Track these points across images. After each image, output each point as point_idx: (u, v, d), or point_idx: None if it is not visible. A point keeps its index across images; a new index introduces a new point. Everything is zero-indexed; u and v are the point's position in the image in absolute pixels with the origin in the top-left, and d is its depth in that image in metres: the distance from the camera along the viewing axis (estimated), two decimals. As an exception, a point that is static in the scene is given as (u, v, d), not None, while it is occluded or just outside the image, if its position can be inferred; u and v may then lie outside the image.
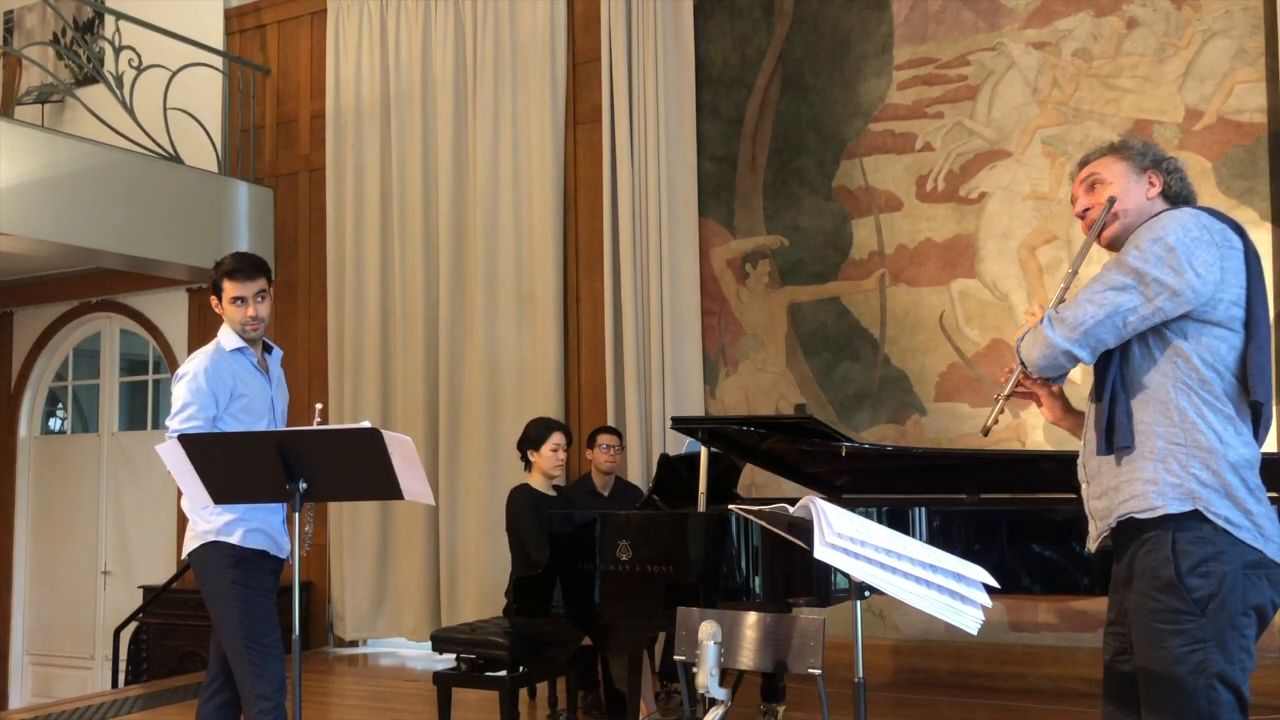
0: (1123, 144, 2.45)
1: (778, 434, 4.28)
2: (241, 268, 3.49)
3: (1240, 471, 2.17)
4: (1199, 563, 2.14)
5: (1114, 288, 2.21)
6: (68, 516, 8.42)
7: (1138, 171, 2.38)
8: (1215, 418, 2.18)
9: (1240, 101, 5.23)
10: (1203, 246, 2.19)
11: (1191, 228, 2.21)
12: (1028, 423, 5.53)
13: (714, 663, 2.51)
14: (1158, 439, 2.20)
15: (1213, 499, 2.15)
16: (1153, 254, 2.19)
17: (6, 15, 8.98)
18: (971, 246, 5.72)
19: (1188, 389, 2.19)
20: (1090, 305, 2.23)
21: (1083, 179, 2.45)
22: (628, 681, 4.13)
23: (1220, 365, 2.20)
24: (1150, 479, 2.19)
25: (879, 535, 2.29)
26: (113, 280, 8.05)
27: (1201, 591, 2.13)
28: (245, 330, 3.50)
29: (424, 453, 6.67)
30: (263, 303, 3.51)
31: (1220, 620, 2.12)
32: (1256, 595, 2.15)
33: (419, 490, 2.96)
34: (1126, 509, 2.23)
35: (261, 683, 3.32)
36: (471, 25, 6.95)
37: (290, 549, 3.55)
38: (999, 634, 5.47)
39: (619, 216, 6.40)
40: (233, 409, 3.45)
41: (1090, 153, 2.49)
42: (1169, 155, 2.43)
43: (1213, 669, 2.12)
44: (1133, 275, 2.19)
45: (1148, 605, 2.19)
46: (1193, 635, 2.13)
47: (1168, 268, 2.17)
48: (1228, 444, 2.17)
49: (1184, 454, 2.17)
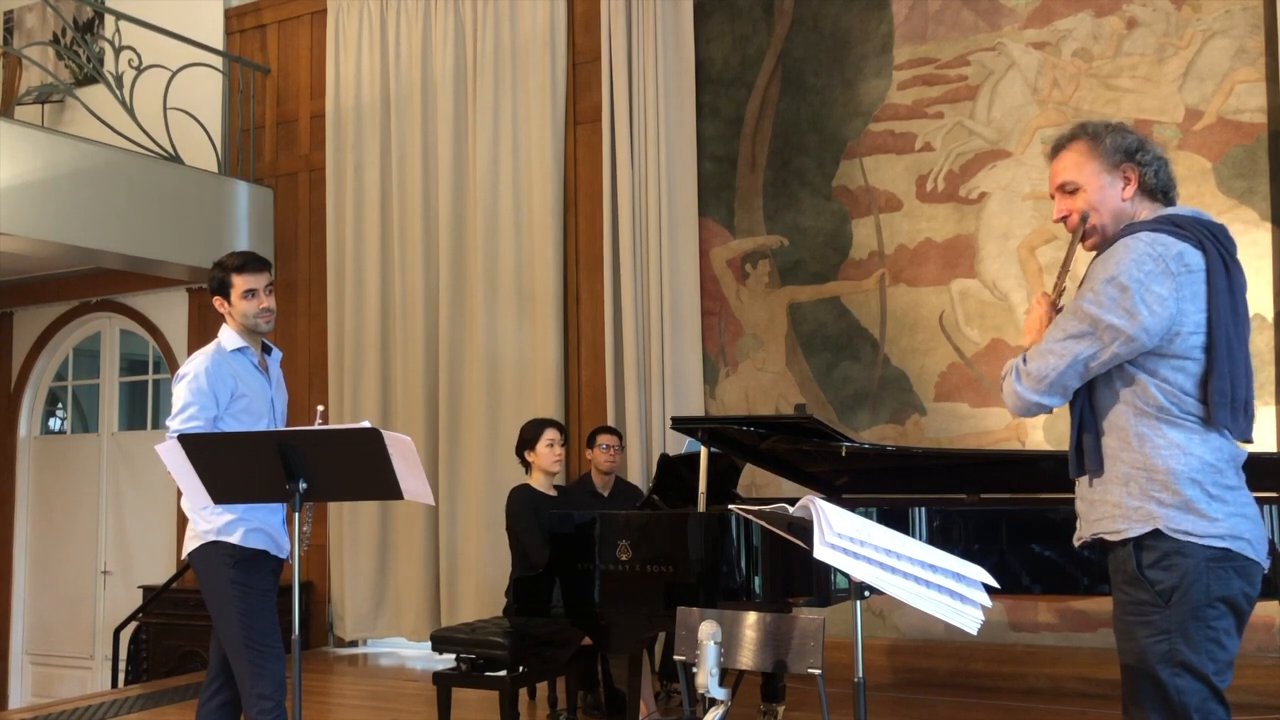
0: (1094, 134, 2.39)
1: (778, 434, 4.28)
2: (250, 260, 3.54)
3: (1201, 482, 2.21)
4: (1161, 556, 2.21)
5: (1072, 336, 2.27)
6: (67, 516, 8.42)
7: (1110, 170, 2.36)
8: (1176, 434, 2.24)
9: (1240, 101, 5.23)
10: (1156, 280, 2.20)
11: (1145, 260, 2.21)
12: (1028, 423, 5.52)
13: (714, 663, 2.51)
14: (1122, 464, 2.28)
15: (1172, 516, 2.21)
16: (1106, 297, 2.22)
17: (6, 15, 8.98)
18: (971, 246, 5.72)
19: (1145, 416, 2.26)
20: (1051, 356, 2.30)
21: (1057, 183, 2.43)
22: (628, 681, 4.14)
23: (1179, 392, 2.24)
24: (1116, 503, 2.28)
25: (879, 535, 2.29)
26: (113, 280, 8.05)
27: (1164, 584, 2.20)
28: (258, 323, 3.52)
29: (424, 453, 6.66)
30: (271, 296, 3.54)
31: (1183, 611, 2.18)
32: (1222, 587, 2.20)
33: (419, 490, 2.96)
34: (1097, 529, 2.32)
35: (261, 683, 3.32)
36: (471, 25, 6.95)
37: (290, 549, 3.56)
38: (999, 634, 5.47)
39: (619, 216, 6.40)
40: (233, 409, 3.45)
41: (1061, 137, 2.45)
42: (1143, 144, 2.38)
43: (1179, 658, 2.18)
44: (1089, 323, 2.24)
45: (1119, 599, 2.29)
46: (1158, 626, 2.20)
47: (1121, 310, 2.20)
48: (1189, 454, 2.22)
49: (1144, 478, 2.24)
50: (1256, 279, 4.94)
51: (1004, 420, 5.59)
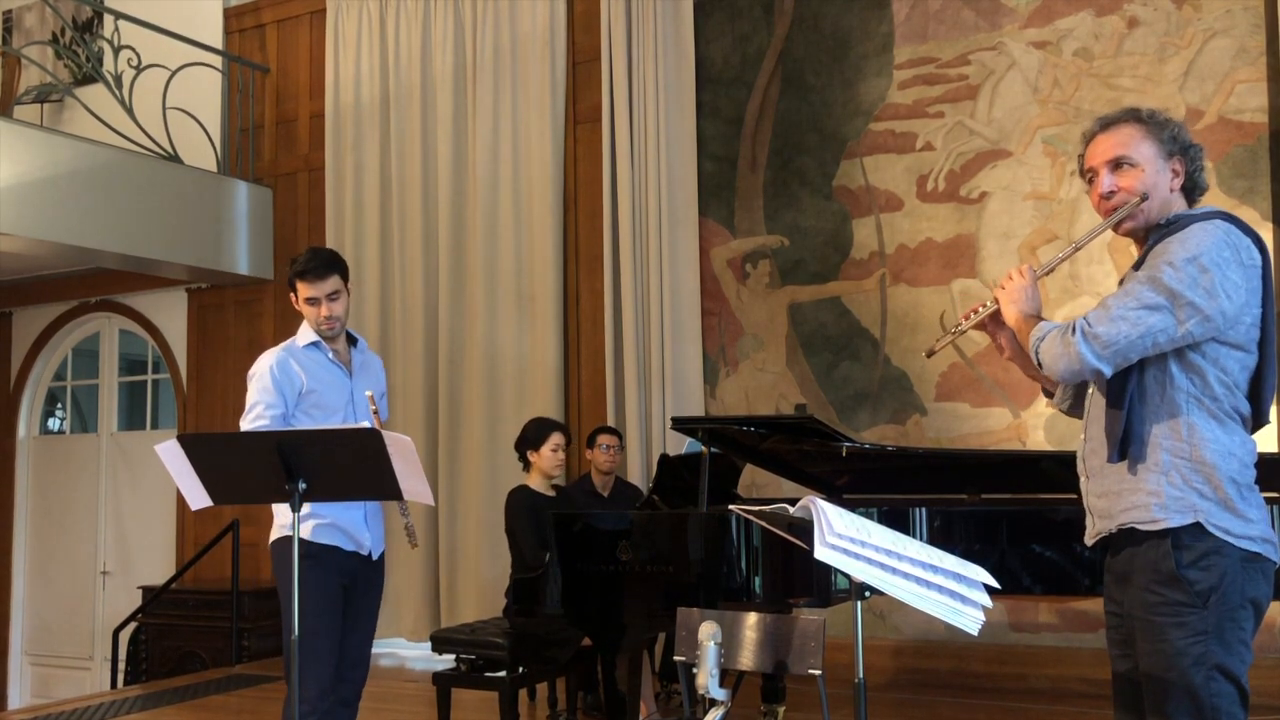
0: (1150, 117, 2.30)
1: (778, 434, 4.28)
2: (311, 268, 3.44)
3: (1239, 482, 2.19)
4: (1200, 556, 2.14)
5: (1148, 306, 2.15)
6: (67, 516, 8.42)
7: (1165, 157, 2.28)
8: (1220, 431, 2.19)
9: (1241, 101, 5.23)
10: (1232, 268, 2.15)
11: (1224, 246, 2.15)
12: (1028, 423, 5.52)
13: (714, 663, 2.51)
14: (1164, 452, 2.20)
15: (1213, 511, 2.16)
16: (1188, 274, 2.13)
17: (6, 15, 8.97)
18: (972, 246, 5.72)
19: (1200, 406, 2.19)
20: (1124, 323, 2.16)
21: (1109, 157, 2.30)
22: (628, 681, 4.13)
23: (1233, 384, 2.20)
24: (1154, 491, 2.19)
25: (879, 535, 2.28)
26: (112, 280, 8.04)
27: (1203, 584, 2.13)
28: (321, 330, 3.48)
29: (424, 453, 6.66)
30: (336, 301, 3.45)
31: (1220, 612, 2.13)
32: (1253, 589, 2.17)
33: (419, 490, 2.95)
34: (1129, 518, 2.23)
35: (304, 686, 3.26)
36: (471, 25, 6.94)
37: (368, 545, 3.52)
38: (999, 634, 5.46)
39: (619, 216, 6.39)
40: (303, 405, 3.42)
41: (1111, 116, 2.34)
42: (1193, 141, 2.32)
43: (1214, 660, 2.13)
44: (1167, 295, 2.14)
45: (1148, 599, 2.19)
46: (1194, 628, 2.13)
47: (1202, 290, 2.12)
48: (1230, 455, 2.18)
49: (1188, 468, 2.17)
50: (1257, 279, 4.93)
51: (1005, 420, 5.58)
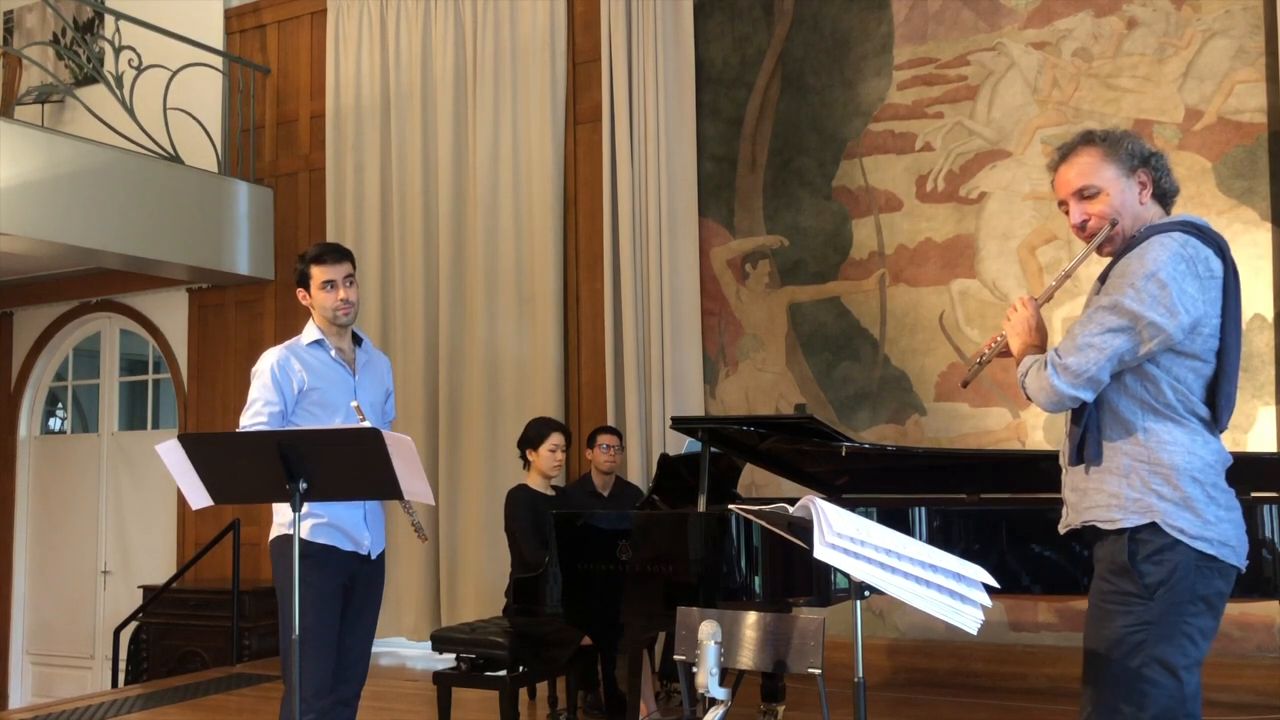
0: (1105, 138, 2.38)
1: (778, 434, 4.28)
2: (329, 250, 3.47)
3: (1202, 482, 2.25)
4: (1155, 551, 2.23)
5: (1111, 330, 2.24)
6: (68, 516, 8.42)
7: (1128, 174, 2.36)
8: (1181, 432, 2.26)
9: (1240, 101, 5.23)
10: (1188, 281, 2.22)
11: (1179, 260, 2.22)
12: (1028, 423, 5.53)
13: (714, 663, 2.51)
14: (1123, 456, 2.29)
15: (1170, 511, 2.23)
16: (1148, 293, 2.21)
17: (6, 15, 8.98)
18: (971, 246, 5.72)
19: (1154, 412, 2.27)
20: (1091, 350, 2.25)
21: (1074, 189, 2.38)
22: (628, 681, 4.13)
23: (1187, 391, 2.27)
24: (1114, 493, 2.28)
25: (879, 535, 2.29)
26: (113, 280, 8.05)
27: (1152, 578, 2.22)
28: (337, 316, 3.45)
29: (424, 453, 6.66)
30: (351, 287, 3.47)
31: (1167, 605, 2.21)
32: (1205, 586, 2.23)
33: (419, 490, 2.96)
34: (1091, 516, 2.33)
35: (302, 686, 3.26)
36: (471, 25, 6.95)
37: (368, 545, 3.50)
38: (999, 634, 5.47)
39: (619, 216, 6.40)
40: (304, 403, 3.41)
41: (1068, 144, 2.41)
42: (1152, 149, 2.39)
43: (1151, 651, 2.21)
44: (1129, 318, 2.22)
45: (1101, 587, 2.30)
46: (1139, 617, 2.22)
47: (1162, 308, 2.20)
48: (1193, 454, 2.25)
49: (1146, 471, 2.26)
50: (1256, 279, 4.93)
51: (1004, 420, 5.59)
